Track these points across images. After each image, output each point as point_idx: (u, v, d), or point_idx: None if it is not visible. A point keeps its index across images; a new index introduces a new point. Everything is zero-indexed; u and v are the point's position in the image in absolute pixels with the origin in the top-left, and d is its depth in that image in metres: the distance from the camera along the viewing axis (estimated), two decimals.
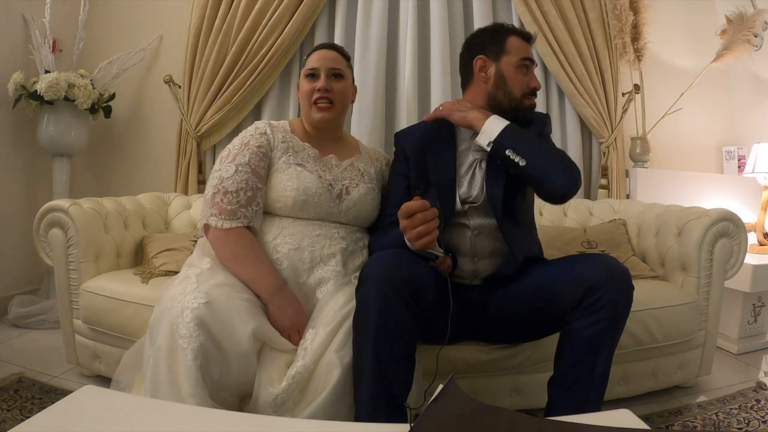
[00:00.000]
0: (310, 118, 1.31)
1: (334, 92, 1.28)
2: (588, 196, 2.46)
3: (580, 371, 0.99)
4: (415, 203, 1.01)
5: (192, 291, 0.99)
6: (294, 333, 1.07)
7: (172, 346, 0.93)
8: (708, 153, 2.74)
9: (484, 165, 1.25)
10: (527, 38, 1.31)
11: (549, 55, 2.31)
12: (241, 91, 2.27)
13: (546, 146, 1.20)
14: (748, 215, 2.39)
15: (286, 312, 1.08)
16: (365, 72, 2.28)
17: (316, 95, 1.27)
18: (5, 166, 2.22)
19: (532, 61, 1.29)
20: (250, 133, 1.27)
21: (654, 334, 1.44)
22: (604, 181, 2.40)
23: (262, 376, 0.98)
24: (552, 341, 1.09)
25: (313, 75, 1.29)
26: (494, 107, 1.27)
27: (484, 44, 1.30)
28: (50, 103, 2.12)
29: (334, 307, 1.09)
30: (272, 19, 2.23)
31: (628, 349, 1.41)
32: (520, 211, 1.27)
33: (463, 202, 1.24)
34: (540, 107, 2.35)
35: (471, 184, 1.25)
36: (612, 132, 2.37)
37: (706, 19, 2.64)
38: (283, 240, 1.18)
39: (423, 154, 1.29)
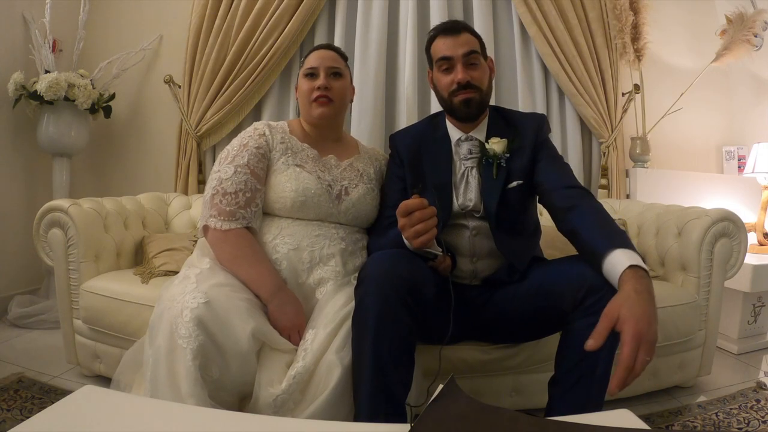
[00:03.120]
0: (309, 115, 1.31)
1: (334, 90, 1.29)
2: None
3: (581, 371, 0.99)
4: (413, 201, 1.01)
5: (191, 291, 0.99)
6: (294, 333, 1.07)
7: (172, 345, 0.93)
8: (708, 153, 2.74)
9: (476, 173, 1.25)
10: (445, 31, 1.24)
11: (549, 55, 2.31)
12: (241, 91, 2.27)
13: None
14: (748, 215, 2.39)
15: (285, 312, 1.08)
16: (365, 72, 2.27)
17: (315, 93, 1.27)
18: (5, 166, 2.22)
19: (447, 58, 1.22)
20: (248, 134, 1.27)
21: None
22: (604, 181, 2.40)
23: (262, 376, 0.98)
24: (552, 341, 1.09)
25: (312, 74, 1.30)
26: (446, 113, 1.31)
27: (427, 57, 1.33)
28: (50, 103, 2.12)
29: (333, 307, 1.09)
30: (272, 19, 2.23)
31: None
32: (520, 221, 1.26)
33: (462, 209, 1.24)
34: (540, 107, 2.36)
35: (466, 193, 1.24)
36: (612, 132, 2.37)
37: (706, 19, 2.64)
38: (283, 240, 1.19)
39: (418, 156, 1.29)
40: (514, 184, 1.21)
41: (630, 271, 0.89)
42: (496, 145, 1.22)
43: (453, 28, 1.25)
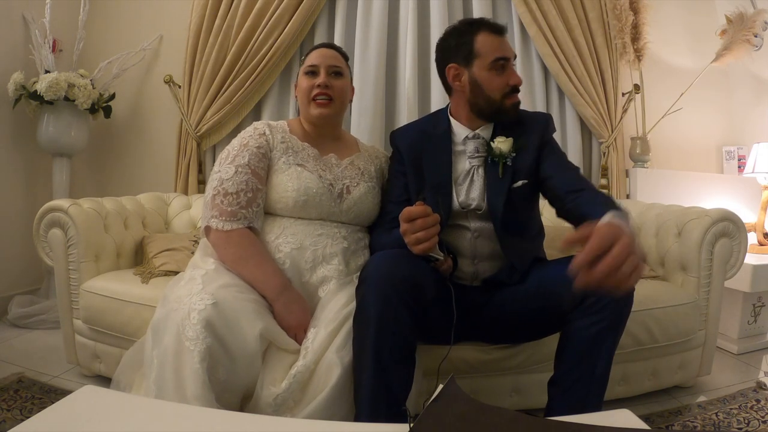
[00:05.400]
0: (308, 114, 1.31)
1: (334, 89, 1.28)
2: None
3: (581, 371, 0.99)
4: (417, 209, 1.01)
5: (198, 292, 0.99)
6: (300, 331, 1.07)
7: (179, 348, 0.92)
8: (708, 153, 2.74)
9: (481, 171, 1.24)
10: (498, 31, 1.21)
11: (549, 55, 2.31)
12: (241, 91, 2.27)
13: None
14: (748, 215, 2.39)
15: (292, 311, 1.08)
16: (365, 72, 2.27)
17: (315, 91, 1.27)
18: (5, 166, 2.22)
19: (506, 59, 1.20)
20: (249, 134, 1.27)
21: (654, 334, 1.44)
22: (604, 181, 2.40)
23: (265, 376, 0.98)
24: (552, 341, 1.09)
25: (312, 72, 1.29)
26: (477, 113, 1.24)
27: (453, 50, 1.23)
28: (50, 103, 2.12)
29: (335, 306, 1.09)
30: (272, 19, 2.23)
31: (628, 349, 1.41)
32: (525, 222, 1.25)
33: (464, 208, 1.24)
34: (540, 107, 2.36)
35: (469, 191, 1.24)
36: (612, 132, 2.37)
37: (706, 19, 2.64)
38: (285, 240, 1.19)
39: (419, 154, 1.28)
40: (519, 183, 1.21)
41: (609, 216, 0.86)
42: (503, 144, 1.21)
43: (501, 28, 1.22)
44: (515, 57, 1.24)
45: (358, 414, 0.94)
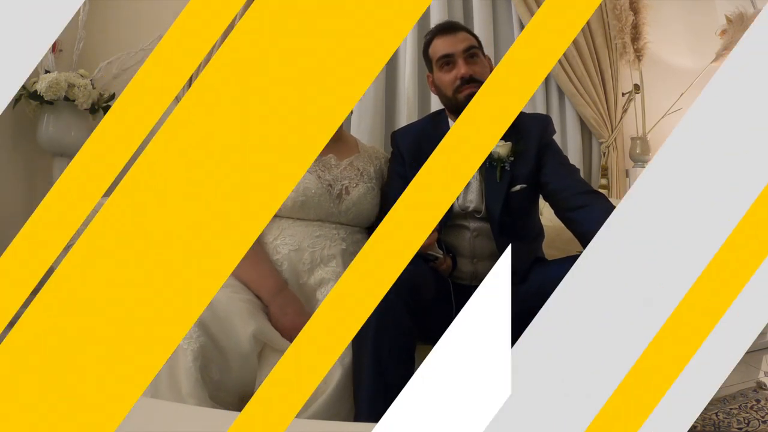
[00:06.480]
0: None
1: None
2: None
3: None
4: None
5: None
6: (295, 333, 1.07)
7: None
8: None
9: (477, 174, 1.24)
10: (445, 30, 1.27)
11: None
12: None
13: None
14: None
15: (287, 312, 1.08)
16: None
17: None
18: (5, 166, 2.22)
19: (449, 55, 1.23)
20: None
21: None
22: (604, 181, 2.40)
23: (262, 377, 0.98)
24: None
25: None
26: (452, 113, 1.29)
27: (425, 62, 1.34)
28: (50, 103, 2.12)
29: None
30: None
31: None
32: (523, 225, 1.25)
33: (462, 210, 1.23)
34: (540, 107, 2.36)
35: (466, 194, 1.23)
36: (612, 132, 2.37)
37: (706, 19, 2.64)
38: (283, 241, 1.19)
39: (420, 154, 1.28)
40: (518, 187, 1.20)
41: None
42: (501, 148, 1.21)
43: (450, 27, 1.28)
44: (470, 47, 1.23)
45: (358, 414, 0.94)
